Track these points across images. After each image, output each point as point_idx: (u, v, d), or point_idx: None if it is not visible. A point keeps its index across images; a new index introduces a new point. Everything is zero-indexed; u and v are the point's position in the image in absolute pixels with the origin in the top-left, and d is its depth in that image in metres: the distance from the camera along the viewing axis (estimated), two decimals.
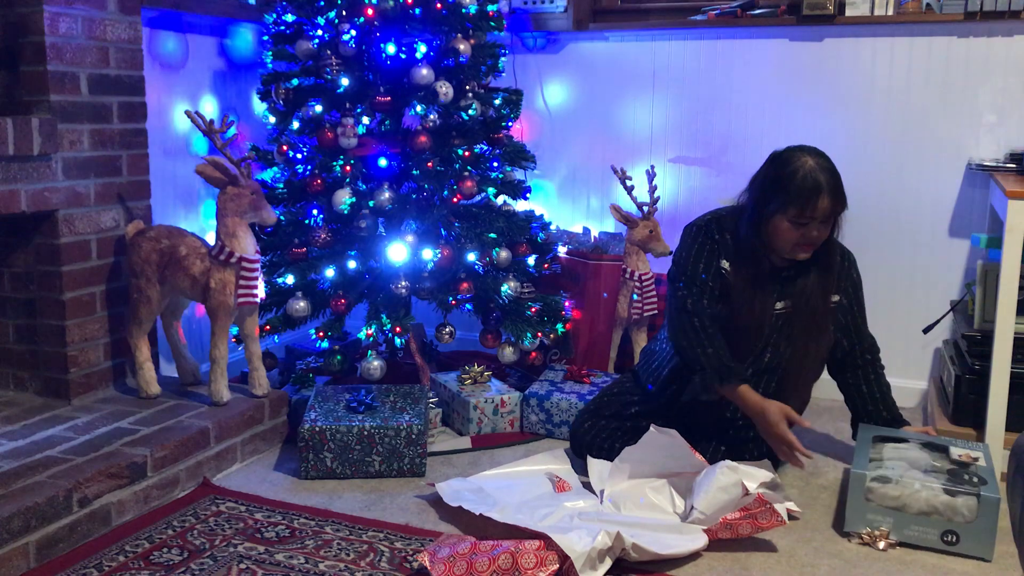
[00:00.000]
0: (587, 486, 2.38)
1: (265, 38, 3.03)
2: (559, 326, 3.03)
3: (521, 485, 2.37)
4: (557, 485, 2.36)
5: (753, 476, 2.18)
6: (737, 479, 2.09)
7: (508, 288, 2.93)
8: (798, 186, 2.23)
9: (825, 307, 2.38)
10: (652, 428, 2.24)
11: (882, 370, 2.53)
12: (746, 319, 2.34)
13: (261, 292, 2.65)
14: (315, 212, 2.91)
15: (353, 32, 2.83)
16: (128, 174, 2.70)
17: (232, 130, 2.59)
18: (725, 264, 2.38)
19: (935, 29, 2.96)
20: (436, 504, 2.34)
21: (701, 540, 2.06)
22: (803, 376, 2.44)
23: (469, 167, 2.93)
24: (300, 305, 2.84)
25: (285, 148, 2.92)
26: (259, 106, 3.28)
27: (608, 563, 1.96)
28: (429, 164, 2.83)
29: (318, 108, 2.89)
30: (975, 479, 2.11)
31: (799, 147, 2.31)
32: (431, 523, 2.24)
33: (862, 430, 2.42)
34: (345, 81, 2.86)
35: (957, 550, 2.09)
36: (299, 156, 2.92)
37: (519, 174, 3.20)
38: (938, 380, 3.02)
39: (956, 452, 2.24)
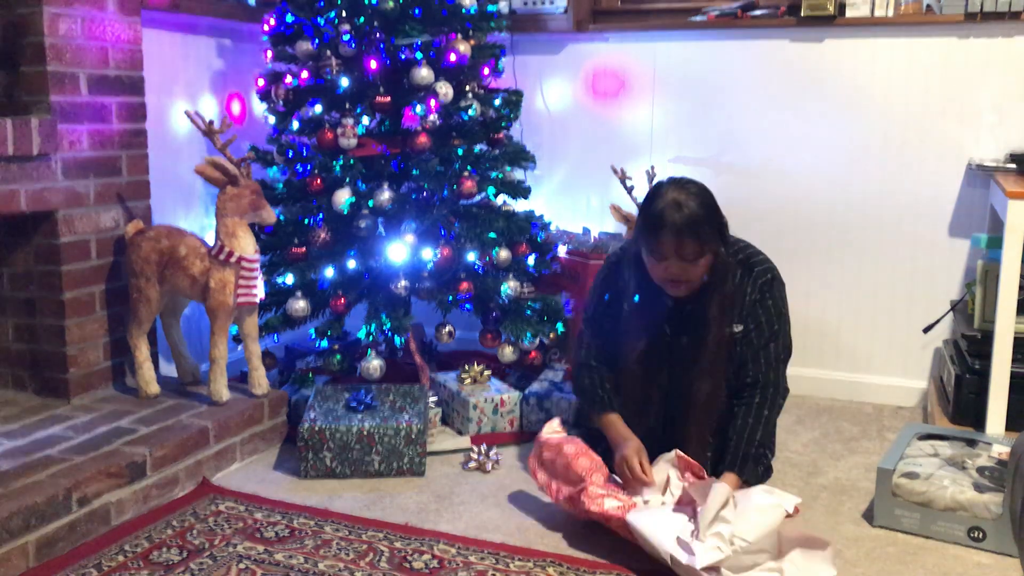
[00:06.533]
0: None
1: (265, 38, 3.03)
2: (559, 326, 3.03)
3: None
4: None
5: (785, 498, 2.06)
6: (776, 502, 1.98)
7: (508, 288, 2.93)
8: (647, 219, 2.17)
9: (716, 341, 2.23)
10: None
11: (756, 412, 2.24)
12: (627, 350, 2.30)
13: (261, 292, 2.65)
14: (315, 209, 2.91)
15: (353, 32, 2.83)
16: (128, 174, 2.70)
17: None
18: (626, 305, 2.35)
19: (935, 30, 2.96)
20: (436, 504, 2.34)
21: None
22: (700, 408, 2.27)
23: (469, 167, 2.93)
24: (300, 305, 2.84)
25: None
26: (259, 106, 3.28)
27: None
28: (429, 164, 2.83)
29: (318, 108, 2.89)
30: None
31: (674, 180, 2.21)
32: (431, 523, 2.24)
33: (904, 427, 2.48)
34: (345, 81, 2.86)
35: (984, 546, 2.10)
36: (298, 155, 2.92)
37: (519, 174, 3.20)
38: (938, 380, 3.02)
39: (998, 450, 2.25)
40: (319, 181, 2.85)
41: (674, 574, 1.96)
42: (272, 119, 3.01)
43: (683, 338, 2.27)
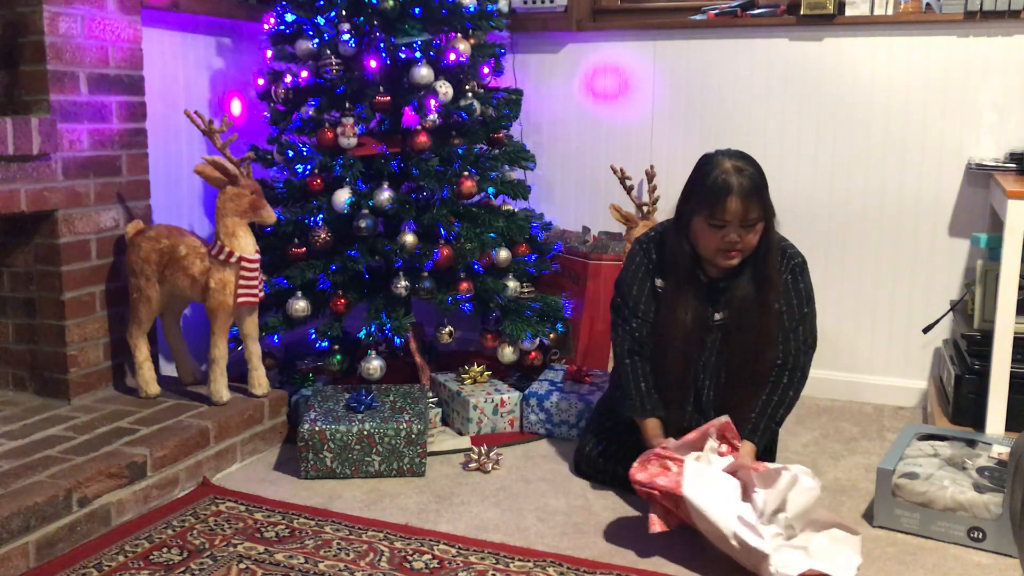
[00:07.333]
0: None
1: (265, 37, 3.03)
2: (559, 326, 3.03)
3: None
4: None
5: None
6: (814, 485, 2.01)
7: (508, 288, 2.93)
8: (708, 187, 2.20)
9: (764, 316, 2.27)
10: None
11: (781, 392, 2.29)
12: (671, 327, 2.30)
13: (261, 292, 2.64)
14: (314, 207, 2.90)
15: (353, 31, 2.83)
16: (128, 174, 2.70)
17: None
18: (659, 281, 2.36)
19: (935, 29, 2.96)
20: (436, 504, 2.34)
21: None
22: (744, 386, 2.31)
23: (469, 167, 2.93)
24: (300, 305, 2.84)
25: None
26: (259, 105, 3.27)
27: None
28: (429, 164, 2.83)
29: (318, 108, 2.89)
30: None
31: (725, 150, 2.27)
32: (431, 523, 2.24)
33: (904, 428, 2.49)
34: (345, 80, 2.86)
35: (984, 547, 2.10)
36: (298, 155, 2.91)
37: (519, 174, 3.19)
38: (938, 380, 3.02)
39: (998, 450, 2.25)
40: (319, 181, 2.85)
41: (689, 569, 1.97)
42: (272, 118, 3.01)
43: (717, 315, 2.31)
